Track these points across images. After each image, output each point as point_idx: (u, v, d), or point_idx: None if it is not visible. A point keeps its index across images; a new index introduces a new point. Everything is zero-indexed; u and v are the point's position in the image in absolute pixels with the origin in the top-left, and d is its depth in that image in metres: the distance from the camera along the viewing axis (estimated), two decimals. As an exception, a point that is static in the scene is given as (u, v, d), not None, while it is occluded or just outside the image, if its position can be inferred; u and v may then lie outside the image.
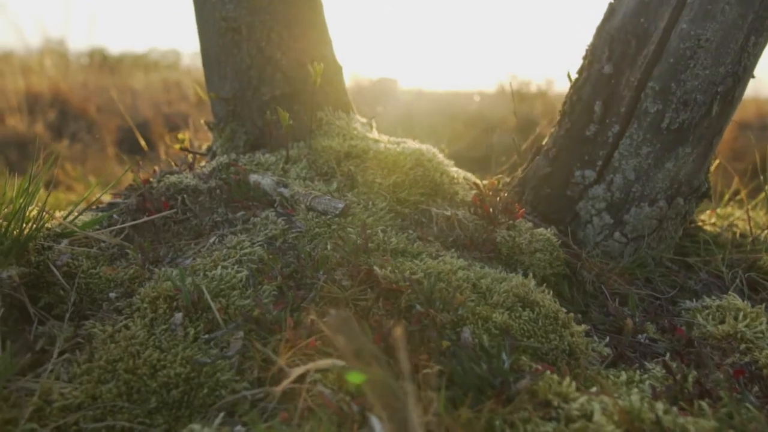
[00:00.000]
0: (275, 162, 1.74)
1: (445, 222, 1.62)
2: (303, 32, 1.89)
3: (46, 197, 1.40)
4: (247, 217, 1.57)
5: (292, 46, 1.87)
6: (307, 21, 1.90)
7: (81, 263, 1.39)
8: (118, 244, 1.50)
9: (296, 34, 1.88)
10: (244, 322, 1.25)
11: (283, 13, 1.85)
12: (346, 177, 1.66)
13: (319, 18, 1.95)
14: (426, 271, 1.37)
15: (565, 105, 1.83)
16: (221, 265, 1.38)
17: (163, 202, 1.58)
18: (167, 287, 1.30)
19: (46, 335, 1.26)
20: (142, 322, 1.23)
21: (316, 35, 1.93)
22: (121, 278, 1.38)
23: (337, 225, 1.50)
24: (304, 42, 1.89)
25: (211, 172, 1.71)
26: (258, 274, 1.38)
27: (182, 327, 1.22)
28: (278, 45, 1.85)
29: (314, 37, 1.92)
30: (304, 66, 1.88)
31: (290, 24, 1.86)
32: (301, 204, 1.55)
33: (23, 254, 1.37)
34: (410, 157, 1.71)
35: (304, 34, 1.89)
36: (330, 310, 1.00)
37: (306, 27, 1.90)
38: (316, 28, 1.93)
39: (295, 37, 1.87)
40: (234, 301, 1.29)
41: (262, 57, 1.85)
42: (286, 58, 1.86)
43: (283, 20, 1.85)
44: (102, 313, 1.29)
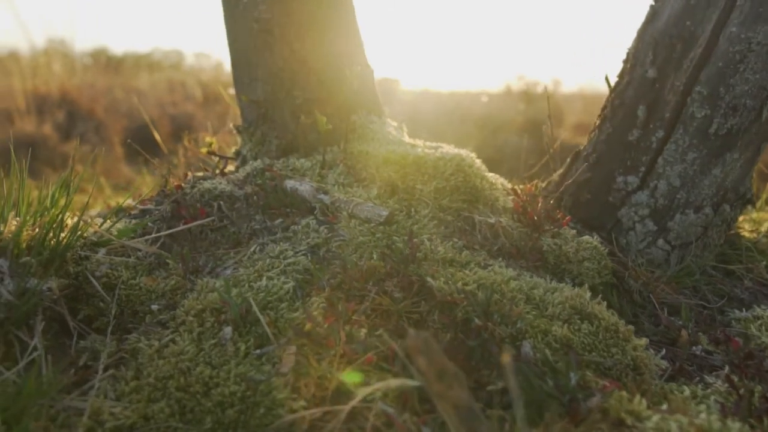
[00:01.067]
0: (311, 167, 1.70)
1: (489, 229, 1.57)
2: (336, 34, 1.84)
3: (86, 205, 1.35)
4: (286, 225, 1.53)
5: (325, 49, 1.82)
6: (340, 23, 1.86)
7: (120, 274, 1.34)
8: (155, 253, 1.45)
9: (330, 36, 1.83)
10: (296, 336, 1.20)
11: (316, 14, 1.81)
12: (386, 183, 1.62)
13: (351, 20, 1.90)
14: (478, 282, 1.33)
15: (605, 109, 1.79)
16: (266, 275, 1.34)
17: (200, 209, 1.53)
18: (213, 299, 1.25)
19: (89, 350, 1.21)
20: (190, 336, 1.18)
21: (349, 38, 1.88)
22: (161, 289, 1.33)
23: (381, 233, 1.46)
24: (338, 44, 1.84)
25: (245, 177, 1.66)
26: (305, 285, 1.33)
27: (232, 342, 1.18)
28: (311, 47, 1.81)
29: (347, 40, 1.87)
30: (337, 69, 1.84)
31: (323, 26, 1.82)
32: (343, 211, 1.51)
33: (61, 265, 1.32)
34: (450, 163, 1.66)
35: (337, 36, 1.85)
36: (409, 329, 0.95)
37: (339, 29, 1.85)
38: (348, 31, 1.89)
39: (329, 40, 1.83)
40: (283, 314, 1.25)
41: (294, 59, 1.80)
42: (319, 61, 1.82)
43: (316, 22, 1.81)
44: (145, 327, 1.24)
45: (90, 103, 4.98)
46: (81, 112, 4.88)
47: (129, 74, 6.86)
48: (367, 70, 1.93)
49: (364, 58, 1.92)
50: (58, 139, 4.35)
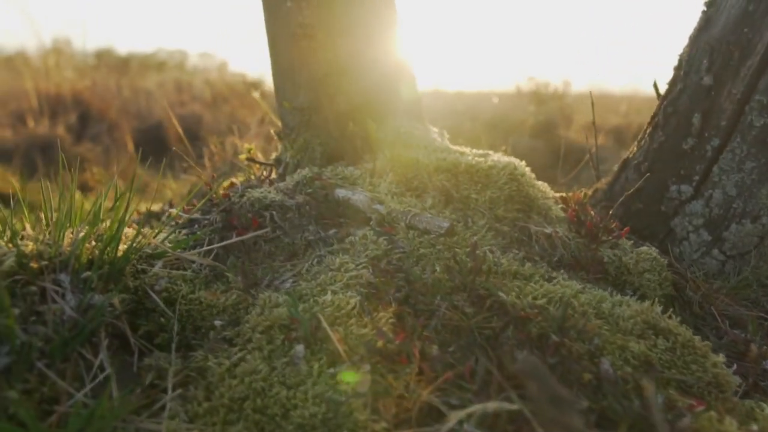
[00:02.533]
0: (360, 176, 1.66)
1: (546, 240, 1.55)
2: (380, 39, 1.81)
3: (145, 216, 1.31)
4: (341, 236, 1.49)
5: (369, 54, 1.79)
6: (383, 28, 1.82)
7: (180, 288, 1.31)
8: (211, 265, 1.41)
9: (374, 41, 1.80)
10: (368, 353, 1.17)
11: (360, 19, 1.77)
12: (440, 192, 1.59)
13: (395, 26, 1.87)
14: (547, 296, 1.30)
15: (656, 117, 1.77)
16: (330, 289, 1.30)
17: (252, 220, 1.50)
18: (280, 316, 1.21)
19: (154, 368, 1.18)
20: (260, 354, 1.15)
21: (393, 43, 1.85)
22: (222, 304, 1.29)
23: (442, 245, 1.43)
24: (382, 50, 1.81)
25: (295, 186, 1.62)
26: (371, 300, 1.30)
27: (305, 360, 1.14)
28: (356, 52, 1.77)
29: (391, 45, 1.84)
30: (381, 74, 1.80)
31: (368, 31, 1.78)
32: (401, 222, 1.47)
33: (120, 279, 1.28)
34: (503, 171, 1.63)
35: (381, 41, 1.81)
36: (517, 352, 0.92)
37: (383, 35, 1.82)
38: (392, 36, 1.85)
39: (373, 45, 1.79)
40: (352, 330, 1.21)
41: (338, 65, 1.77)
42: (363, 67, 1.78)
43: (360, 27, 1.77)
44: (211, 344, 1.21)
45: (101, 104, 4.92)
46: (93, 114, 4.82)
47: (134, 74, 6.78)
48: (409, 76, 1.90)
49: (407, 63, 1.89)
50: (72, 141, 4.29)
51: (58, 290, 1.17)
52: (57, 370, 1.10)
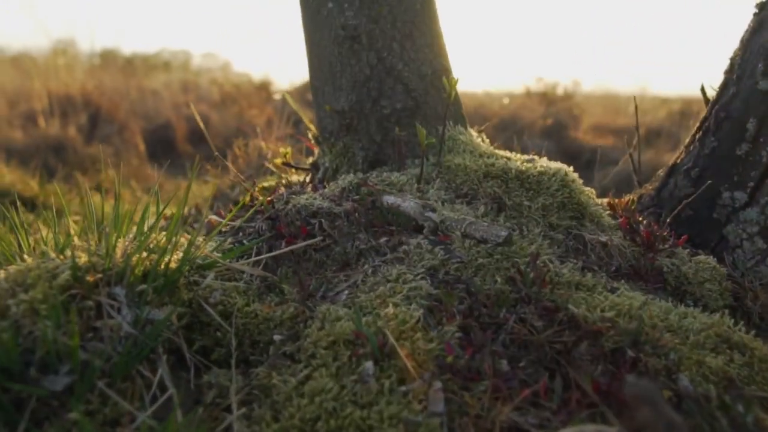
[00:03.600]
0: (407, 182, 1.61)
1: (602, 249, 1.51)
2: (424, 42, 1.76)
3: (199, 229, 1.25)
4: (393, 245, 1.44)
5: (413, 57, 1.74)
6: (427, 30, 1.78)
7: (235, 300, 1.25)
8: (261, 276, 1.36)
9: (418, 44, 1.75)
10: (439, 370, 1.13)
11: (405, 21, 1.73)
12: (492, 199, 1.54)
13: (437, 27, 1.82)
14: (614, 308, 1.26)
15: (707, 122, 1.73)
16: (391, 302, 1.25)
17: (301, 228, 1.45)
18: (344, 330, 1.17)
19: (215, 386, 1.13)
20: (327, 372, 1.10)
21: (437, 46, 1.81)
22: (279, 317, 1.24)
23: (500, 255, 1.38)
24: (426, 52, 1.77)
25: (341, 192, 1.57)
26: (434, 312, 1.25)
27: (374, 378, 1.09)
28: (400, 55, 1.73)
29: (435, 48, 1.80)
30: (425, 77, 1.76)
31: (412, 33, 1.74)
32: (456, 231, 1.43)
33: (174, 291, 1.23)
34: (554, 178, 1.59)
35: (425, 44, 1.77)
36: (628, 376, 0.88)
37: (426, 37, 1.77)
38: (435, 38, 1.81)
39: (417, 48, 1.75)
40: (419, 345, 1.17)
41: (382, 68, 1.72)
42: (407, 69, 1.73)
43: (405, 29, 1.73)
44: (272, 360, 1.16)
45: (110, 104, 4.84)
46: (102, 114, 4.74)
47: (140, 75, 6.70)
48: (451, 78, 1.86)
49: (449, 66, 1.84)
50: (83, 142, 4.22)
51: (113, 304, 1.12)
52: (118, 389, 1.05)
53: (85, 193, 1.39)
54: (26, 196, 2.68)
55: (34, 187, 2.79)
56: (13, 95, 4.95)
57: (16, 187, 2.69)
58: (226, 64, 10.18)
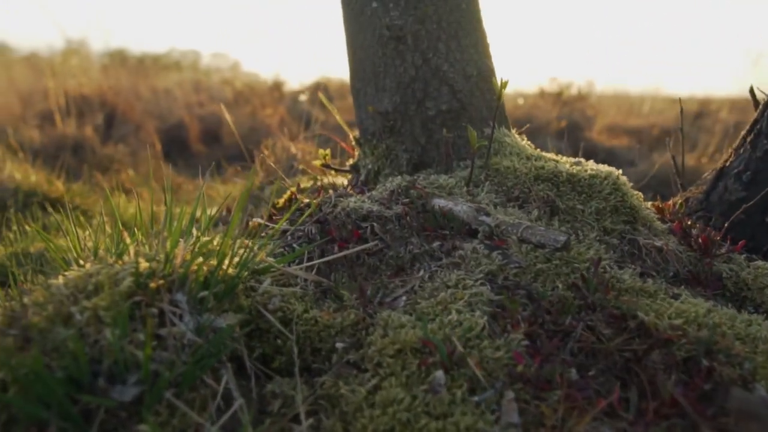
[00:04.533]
0: (456, 184, 1.59)
1: (657, 254, 1.48)
2: (469, 43, 1.73)
3: (257, 228, 1.22)
4: (447, 249, 1.42)
5: (459, 58, 1.71)
6: (472, 30, 1.75)
7: (294, 306, 1.23)
8: (316, 281, 1.33)
9: (464, 44, 1.72)
10: (509, 379, 1.10)
11: (450, 22, 1.70)
12: (544, 203, 1.51)
13: (482, 27, 1.79)
14: (681, 315, 1.23)
15: (758, 124, 1.70)
16: (454, 308, 1.22)
17: (354, 232, 1.42)
18: (410, 338, 1.14)
19: (280, 395, 1.10)
20: (397, 381, 1.07)
21: (481, 46, 1.78)
22: (340, 324, 1.21)
23: (559, 260, 1.35)
24: (471, 53, 1.74)
25: (389, 195, 1.54)
26: (498, 320, 1.22)
27: (445, 387, 1.06)
28: (446, 56, 1.70)
29: (479, 48, 1.77)
30: (470, 79, 1.73)
31: (457, 34, 1.71)
32: (512, 235, 1.40)
33: (233, 298, 1.20)
34: (606, 181, 1.56)
35: (470, 44, 1.74)
36: (733, 389, 0.85)
37: (471, 37, 1.74)
38: (480, 39, 1.78)
39: (463, 48, 1.72)
40: (486, 354, 1.14)
41: (428, 68, 1.69)
42: (453, 70, 1.71)
43: (450, 30, 1.70)
44: (336, 368, 1.13)
45: (125, 104, 4.81)
46: (118, 114, 4.71)
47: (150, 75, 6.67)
48: (495, 80, 1.83)
49: (493, 67, 1.82)
50: (100, 142, 4.19)
51: (175, 311, 1.09)
52: (185, 400, 1.02)
53: (135, 196, 1.36)
54: (52, 196, 2.65)
55: (59, 187, 2.76)
56: (27, 95, 4.92)
57: (42, 188, 2.67)
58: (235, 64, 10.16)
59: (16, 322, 1.07)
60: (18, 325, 1.06)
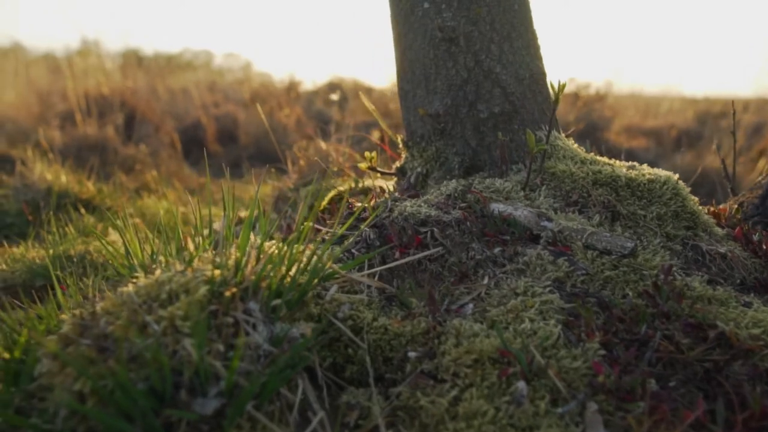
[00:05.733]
0: (512, 188, 1.56)
1: (722, 260, 1.45)
2: (521, 45, 1.71)
3: (309, 233, 1.20)
4: (509, 255, 1.39)
5: (511, 60, 1.68)
6: (524, 32, 1.72)
7: (363, 314, 1.20)
8: (379, 288, 1.31)
9: (516, 46, 1.69)
10: (591, 390, 1.07)
11: (503, 23, 1.67)
12: (604, 208, 1.48)
13: (533, 29, 1.77)
14: (758, 324, 1.20)
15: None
16: (526, 316, 1.20)
17: (416, 237, 1.39)
18: (486, 347, 1.11)
19: (357, 406, 1.07)
20: (479, 392, 1.05)
21: (533, 48, 1.75)
22: (410, 333, 1.19)
23: (626, 267, 1.32)
24: (523, 55, 1.71)
25: (446, 199, 1.52)
26: (571, 328, 1.19)
27: (528, 399, 1.04)
28: (498, 58, 1.67)
29: (531, 50, 1.74)
30: (523, 81, 1.70)
31: (510, 35, 1.68)
32: (576, 241, 1.37)
33: (303, 306, 1.17)
34: (666, 186, 1.53)
35: (522, 46, 1.71)
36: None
37: (524, 38, 1.72)
38: (532, 40, 1.75)
39: (515, 50, 1.69)
40: (564, 364, 1.11)
41: (480, 70, 1.67)
42: (505, 72, 1.68)
43: (503, 31, 1.67)
44: (413, 379, 1.10)
45: (144, 105, 4.79)
46: (138, 115, 4.69)
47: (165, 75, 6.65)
48: (546, 82, 1.80)
49: (544, 69, 1.79)
50: (121, 142, 4.17)
51: (248, 320, 1.07)
52: (265, 412, 0.99)
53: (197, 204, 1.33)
54: (83, 198, 2.63)
55: (90, 188, 2.73)
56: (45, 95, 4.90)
57: (74, 189, 2.64)
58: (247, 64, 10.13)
59: (88, 330, 1.05)
60: (91, 334, 1.04)
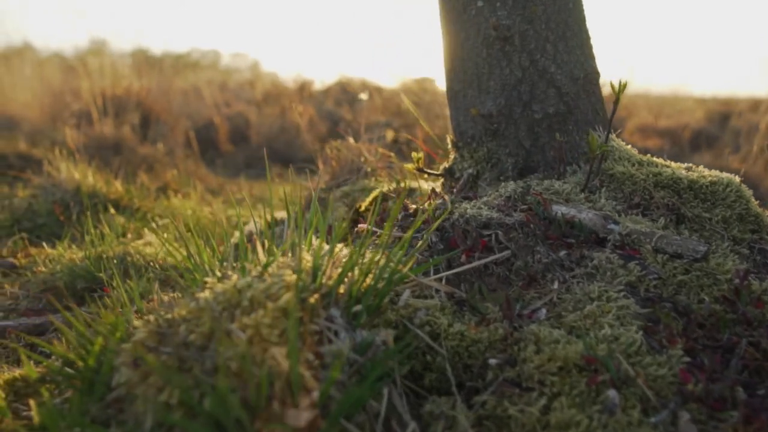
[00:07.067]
0: (571, 190, 1.53)
1: (789, 263, 1.42)
2: (576, 44, 1.68)
3: (365, 234, 1.17)
4: (575, 258, 1.36)
5: (566, 59, 1.66)
6: (578, 31, 1.69)
7: (440, 320, 1.17)
8: (448, 292, 1.28)
9: (571, 45, 1.66)
10: (681, 398, 1.05)
11: (558, 22, 1.64)
12: (668, 210, 1.46)
13: (586, 28, 1.74)
14: (841, 331, 1.18)
15: None
16: (605, 322, 1.17)
17: (481, 240, 1.37)
18: (569, 353, 1.08)
19: (443, 416, 1.04)
20: (569, 401, 1.02)
21: (587, 47, 1.72)
22: (487, 339, 1.16)
23: (699, 271, 1.30)
24: (578, 54, 1.68)
25: (505, 201, 1.49)
26: (651, 334, 1.17)
27: (620, 407, 1.01)
28: (553, 57, 1.64)
29: (585, 50, 1.71)
30: (577, 81, 1.67)
31: (565, 34, 1.65)
32: (645, 244, 1.34)
33: (381, 312, 1.15)
34: (729, 188, 1.51)
35: (577, 45, 1.68)
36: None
37: (578, 38, 1.69)
38: (585, 40, 1.73)
39: (570, 49, 1.66)
40: (650, 371, 1.08)
41: (535, 70, 1.64)
42: (560, 72, 1.65)
43: (558, 30, 1.64)
44: (497, 387, 1.08)
45: (160, 104, 4.75)
46: (153, 114, 4.65)
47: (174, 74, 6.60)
48: (599, 82, 1.78)
49: (598, 69, 1.76)
50: (137, 141, 4.13)
51: (330, 327, 1.04)
52: (356, 423, 0.96)
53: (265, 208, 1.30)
54: (111, 198, 2.60)
55: (118, 188, 2.70)
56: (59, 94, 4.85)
57: (102, 189, 2.61)
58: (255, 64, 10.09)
59: (168, 339, 1.02)
60: (171, 342, 1.01)
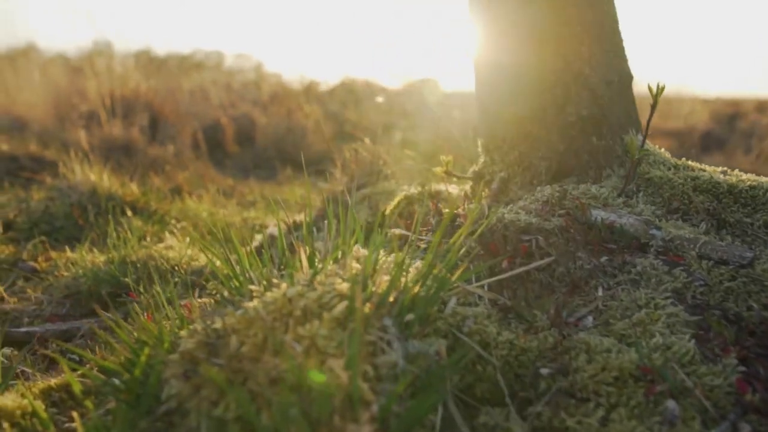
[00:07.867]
0: (608, 194, 1.51)
1: (831, 269, 1.41)
2: (609, 47, 1.66)
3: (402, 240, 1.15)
4: (617, 264, 1.34)
5: (600, 62, 1.64)
6: (611, 34, 1.68)
7: (489, 329, 1.15)
8: (492, 299, 1.26)
9: (605, 48, 1.65)
10: (740, 409, 1.03)
11: (592, 24, 1.62)
12: (708, 215, 1.44)
13: (619, 30, 1.72)
14: None
15: None
16: (656, 330, 1.15)
17: (522, 246, 1.35)
18: (625, 363, 1.06)
19: (498, 428, 1.02)
20: (627, 412, 1.00)
21: (620, 50, 1.71)
22: (537, 348, 1.14)
23: (745, 278, 1.28)
24: (611, 57, 1.67)
25: (542, 206, 1.47)
26: (702, 342, 1.15)
27: (680, 419, 0.99)
28: (588, 60, 1.62)
29: (618, 53, 1.70)
30: (611, 84, 1.66)
31: (599, 37, 1.63)
32: (689, 250, 1.33)
33: (430, 321, 1.12)
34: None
35: (610, 48, 1.67)
36: None
37: (611, 41, 1.67)
38: (618, 42, 1.71)
39: (604, 52, 1.65)
40: (705, 381, 1.07)
41: (569, 72, 1.62)
42: (594, 75, 1.63)
43: (592, 32, 1.62)
44: (551, 397, 1.06)
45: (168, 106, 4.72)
46: (161, 116, 4.62)
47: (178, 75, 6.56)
48: (632, 84, 1.76)
49: (631, 72, 1.74)
50: (146, 143, 4.10)
51: (383, 337, 1.02)
52: (415, 437, 0.94)
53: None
54: (128, 200, 2.57)
55: (134, 190, 2.67)
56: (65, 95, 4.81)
57: (118, 192, 2.58)
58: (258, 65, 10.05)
59: (219, 350, 1.00)
60: (222, 353, 0.98)
